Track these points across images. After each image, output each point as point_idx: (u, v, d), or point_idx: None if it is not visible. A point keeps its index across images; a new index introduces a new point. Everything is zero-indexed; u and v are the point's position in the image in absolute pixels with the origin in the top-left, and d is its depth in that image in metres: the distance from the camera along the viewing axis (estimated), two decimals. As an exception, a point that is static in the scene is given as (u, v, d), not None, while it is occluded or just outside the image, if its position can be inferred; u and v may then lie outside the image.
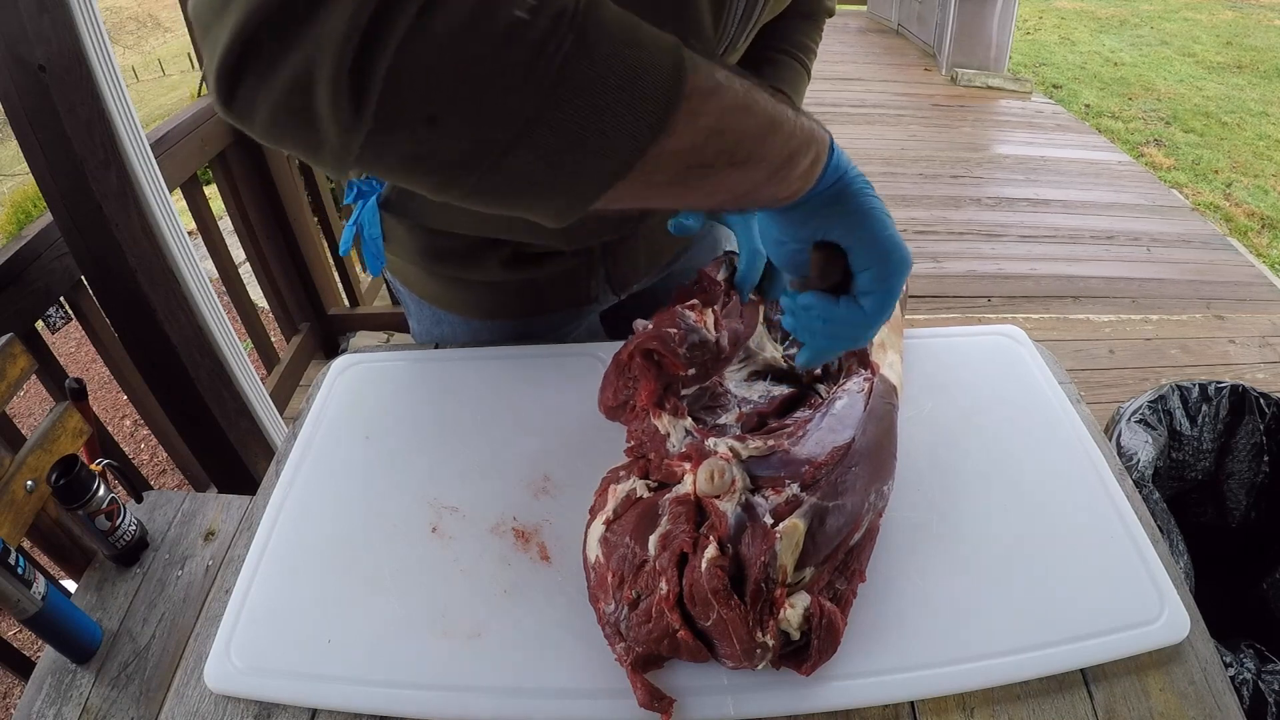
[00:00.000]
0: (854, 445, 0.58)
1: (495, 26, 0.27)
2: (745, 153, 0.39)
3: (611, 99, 0.31)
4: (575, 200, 0.35)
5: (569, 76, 0.29)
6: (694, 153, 0.36)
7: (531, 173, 0.32)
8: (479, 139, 0.30)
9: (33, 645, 1.61)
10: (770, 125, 0.39)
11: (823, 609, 0.50)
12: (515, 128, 0.30)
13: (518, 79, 0.28)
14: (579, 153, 0.32)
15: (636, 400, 0.66)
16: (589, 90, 0.30)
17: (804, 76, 0.81)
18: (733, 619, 0.49)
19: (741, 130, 0.37)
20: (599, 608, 0.55)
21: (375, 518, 0.63)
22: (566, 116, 0.30)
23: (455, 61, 0.27)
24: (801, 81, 0.81)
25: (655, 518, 0.55)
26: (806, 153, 0.44)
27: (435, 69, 0.27)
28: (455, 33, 0.27)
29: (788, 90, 0.78)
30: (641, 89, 0.32)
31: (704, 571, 0.50)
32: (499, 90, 0.28)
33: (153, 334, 1.36)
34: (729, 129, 0.37)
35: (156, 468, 2.13)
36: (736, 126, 0.37)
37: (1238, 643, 1.11)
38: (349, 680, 0.52)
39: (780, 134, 0.41)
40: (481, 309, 0.82)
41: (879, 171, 3.43)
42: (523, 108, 0.29)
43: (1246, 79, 4.94)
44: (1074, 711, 0.51)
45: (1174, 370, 2.20)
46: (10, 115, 1.13)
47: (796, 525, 0.52)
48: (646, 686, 0.50)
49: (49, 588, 0.85)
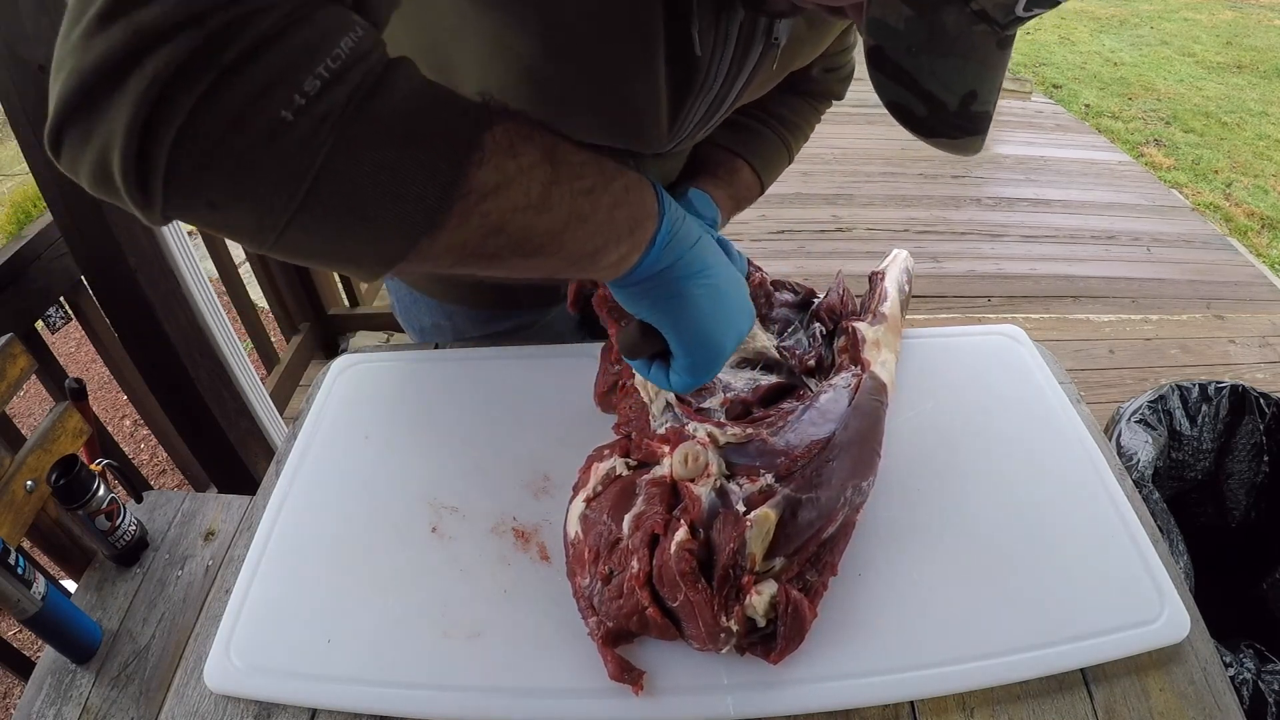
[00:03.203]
0: (834, 440, 0.58)
1: (260, 126, 0.30)
2: (534, 247, 0.39)
3: (372, 196, 0.33)
4: (366, 273, 0.37)
5: (326, 175, 0.31)
6: (473, 245, 0.37)
7: (316, 248, 0.35)
8: (257, 222, 0.32)
9: (33, 645, 1.61)
10: (571, 221, 0.40)
11: (790, 598, 0.51)
12: (285, 215, 0.32)
13: (278, 175, 0.31)
14: (348, 241, 0.34)
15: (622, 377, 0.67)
16: (348, 189, 0.32)
17: (780, 149, 0.78)
18: (699, 602, 0.50)
19: (529, 228, 0.38)
20: (575, 582, 0.56)
21: (375, 518, 0.63)
22: (329, 210, 0.33)
23: (223, 157, 0.30)
24: (775, 154, 0.77)
25: (632, 497, 0.56)
26: (616, 247, 0.44)
27: (206, 163, 0.30)
28: (224, 131, 0.29)
29: (753, 160, 0.75)
30: (406, 189, 0.33)
31: (673, 554, 0.51)
32: (265, 184, 0.31)
33: (152, 334, 1.36)
34: (510, 227, 0.37)
35: (156, 468, 2.13)
36: (522, 224, 0.38)
37: (1238, 643, 1.11)
38: (349, 680, 0.52)
39: (583, 230, 0.41)
40: (455, 296, 0.82)
41: (879, 171, 3.42)
42: (288, 200, 0.32)
43: (1246, 79, 4.94)
44: (1074, 711, 0.51)
45: (1174, 370, 2.20)
46: (10, 115, 1.12)
47: (768, 515, 0.53)
48: (617, 660, 0.51)
49: (49, 588, 0.85)
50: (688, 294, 0.48)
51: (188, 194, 0.31)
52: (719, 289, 0.50)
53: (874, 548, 0.59)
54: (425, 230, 0.35)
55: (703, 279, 0.49)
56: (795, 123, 0.79)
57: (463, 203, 0.35)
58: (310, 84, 0.30)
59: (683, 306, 0.49)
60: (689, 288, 0.48)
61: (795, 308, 0.75)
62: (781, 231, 2.95)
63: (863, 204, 3.15)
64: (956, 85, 0.41)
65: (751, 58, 0.55)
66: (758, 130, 0.77)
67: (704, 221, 0.67)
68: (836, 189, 3.26)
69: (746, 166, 0.76)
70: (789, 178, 3.32)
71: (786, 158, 0.80)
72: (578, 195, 0.40)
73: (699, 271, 0.49)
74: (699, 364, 0.51)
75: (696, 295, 0.49)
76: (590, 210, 0.41)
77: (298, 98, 0.30)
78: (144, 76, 0.28)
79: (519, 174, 0.37)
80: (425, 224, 0.35)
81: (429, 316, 0.85)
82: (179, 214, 0.32)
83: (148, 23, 0.28)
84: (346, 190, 0.32)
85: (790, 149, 0.79)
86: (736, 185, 0.75)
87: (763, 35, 0.54)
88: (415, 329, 0.89)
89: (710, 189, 0.71)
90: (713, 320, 0.50)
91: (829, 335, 0.72)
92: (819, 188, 3.26)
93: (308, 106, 0.30)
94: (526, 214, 0.38)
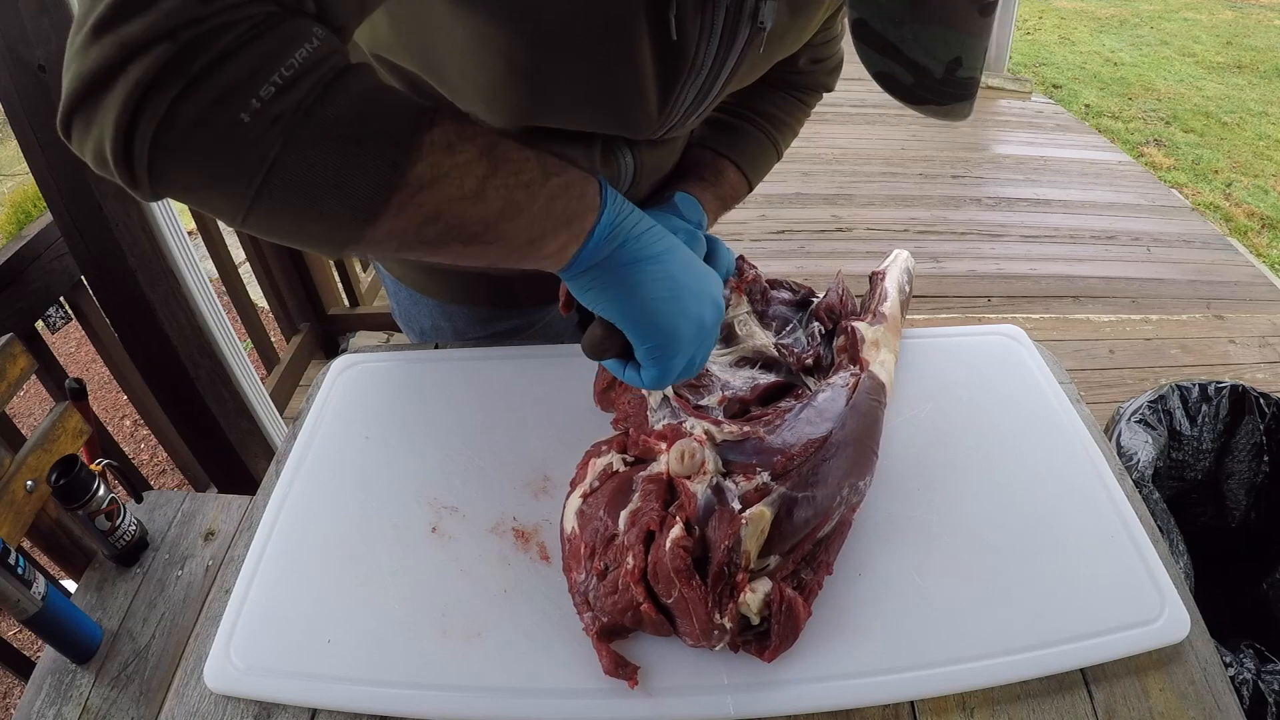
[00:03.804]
0: (830, 439, 0.58)
1: (221, 126, 0.35)
2: (471, 235, 0.43)
3: (318, 188, 0.38)
4: (327, 253, 0.42)
5: (277, 170, 0.36)
6: (412, 233, 0.41)
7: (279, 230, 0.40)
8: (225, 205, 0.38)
9: (33, 645, 1.61)
10: (504, 214, 0.43)
11: (784, 596, 0.51)
12: (245, 202, 0.37)
13: (236, 169, 0.36)
14: (305, 224, 0.39)
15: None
16: (297, 182, 0.37)
17: (766, 146, 0.78)
18: (693, 598, 0.50)
19: (463, 216, 0.42)
20: (571, 577, 0.56)
21: (375, 518, 0.63)
22: (283, 199, 0.37)
23: (192, 151, 0.35)
24: (761, 152, 0.78)
25: (628, 493, 0.57)
26: (555, 237, 0.46)
27: (180, 156, 0.35)
28: (192, 129, 0.34)
29: (739, 160, 0.76)
30: (346, 183, 0.38)
31: (668, 550, 0.51)
32: (226, 176, 0.36)
33: (152, 334, 1.36)
34: (446, 215, 0.41)
35: (156, 468, 2.13)
36: (458, 214, 0.42)
37: (1238, 643, 1.11)
38: (349, 680, 0.52)
39: (520, 220, 0.44)
40: (455, 294, 0.83)
41: (879, 171, 3.42)
42: (246, 189, 0.37)
43: (1246, 79, 4.94)
44: (1074, 711, 0.51)
45: (1174, 370, 2.20)
46: (10, 115, 1.12)
47: (763, 513, 0.53)
48: (611, 655, 0.51)
49: (49, 588, 0.85)
50: (635, 280, 0.49)
51: (167, 179, 0.36)
52: (671, 274, 0.50)
53: (874, 547, 0.59)
54: (366, 218, 0.39)
55: (651, 264, 0.50)
56: (782, 119, 0.79)
57: (400, 194, 0.39)
58: (265, 90, 0.35)
59: (629, 292, 0.49)
60: (635, 273, 0.49)
61: (794, 306, 0.75)
62: (781, 231, 2.95)
63: (863, 204, 3.15)
64: (941, 53, 0.42)
65: (738, 43, 0.56)
66: (743, 129, 0.77)
67: (689, 225, 0.67)
68: (836, 189, 3.26)
69: (732, 166, 0.76)
70: (789, 178, 3.30)
71: (774, 155, 0.80)
72: (514, 189, 0.43)
73: (648, 258, 0.50)
74: (656, 350, 0.51)
75: (643, 280, 0.49)
76: (527, 201, 0.44)
77: (254, 102, 0.35)
78: (128, 82, 0.33)
79: (455, 169, 0.40)
80: (365, 212, 0.39)
81: (429, 318, 0.85)
82: (163, 194, 0.37)
83: (131, 37, 0.33)
84: (295, 183, 0.37)
85: (778, 146, 0.79)
86: (722, 186, 0.75)
87: (749, 19, 0.54)
88: (415, 331, 0.89)
89: (696, 191, 0.72)
90: (664, 304, 0.50)
91: (828, 335, 0.72)
92: (819, 188, 3.26)
93: (262, 110, 0.35)
94: (462, 204, 0.41)
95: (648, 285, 0.49)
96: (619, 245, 0.49)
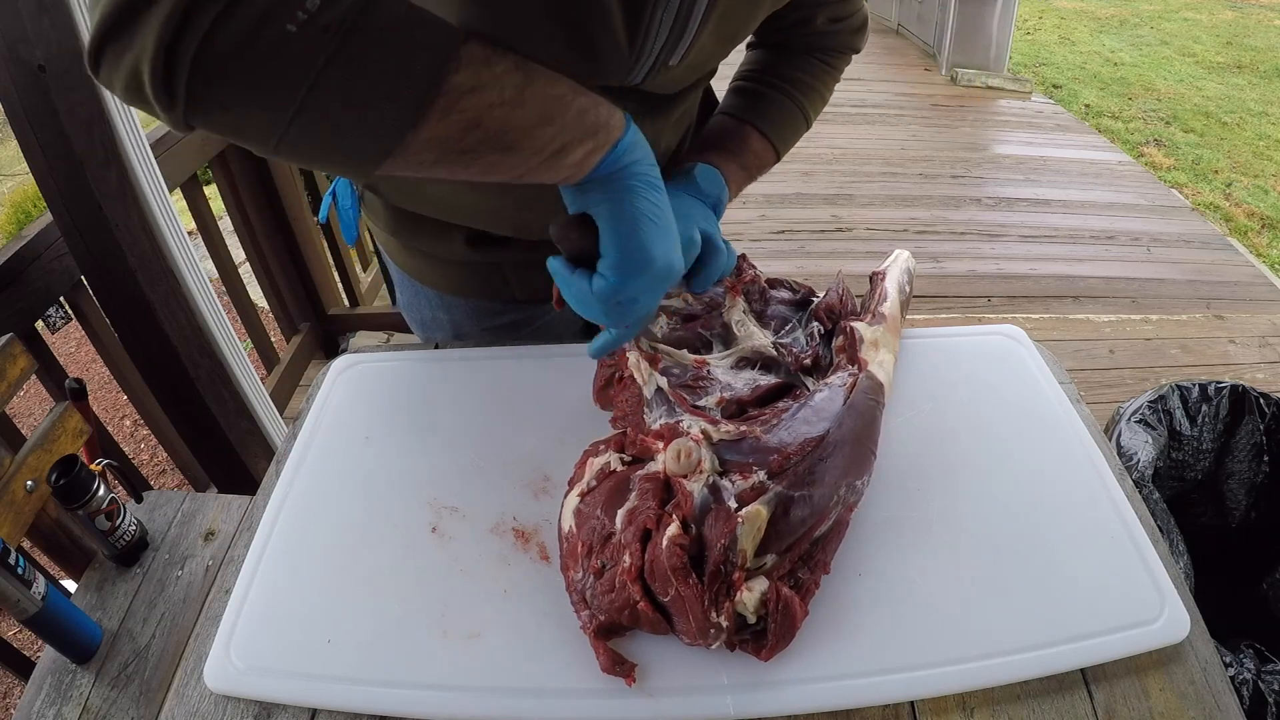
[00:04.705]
0: (827, 438, 0.58)
1: (268, 38, 0.35)
2: (509, 142, 0.44)
3: (365, 98, 0.39)
4: (360, 170, 0.42)
5: (323, 82, 0.37)
6: (453, 140, 0.42)
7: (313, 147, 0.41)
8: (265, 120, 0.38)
9: (33, 645, 1.61)
10: (541, 120, 0.45)
11: (780, 595, 0.51)
12: (287, 114, 0.38)
13: (282, 81, 0.37)
14: (346, 137, 0.40)
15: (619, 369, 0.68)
16: (344, 92, 0.38)
17: (792, 110, 0.75)
18: (689, 597, 0.50)
19: (504, 123, 0.43)
20: (568, 575, 0.56)
21: (375, 518, 0.63)
22: (327, 109, 0.38)
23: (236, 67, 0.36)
24: (787, 116, 0.75)
25: (626, 492, 0.57)
26: (582, 145, 0.48)
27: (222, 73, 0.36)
28: (237, 45, 0.35)
29: (761, 125, 0.73)
30: (394, 91, 0.39)
31: (664, 549, 0.51)
32: (270, 89, 0.37)
33: (152, 334, 1.36)
34: (487, 121, 0.43)
35: (156, 468, 2.13)
36: (499, 119, 0.43)
37: (1238, 643, 1.11)
38: (349, 680, 0.52)
39: (551, 127, 0.46)
40: (450, 284, 0.82)
41: (879, 171, 3.43)
42: (289, 101, 0.37)
43: (1246, 79, 4.94)
44: (1074, 711, 0.51)
45: (1174, 370, 2.20)
46: (10, 115, 1.12)
47: (759, 512, 0.53)
48: (608, 653, 0.51)
49: (49, 588, 0.85)
50: (634, 193, 0.51)
51: (205, 99, 0.37)
52: (663, 210, 0.52)
53: (874, 547, 0.59)
54: (411, 123, 0.40)
55: (653, 191, 0.52)
56: (809, 84, 0.76)
57: (444, 99, 0.40)
58: (311, 2, 0.36)
59: (629, 199, 0.51)
60: (640, 189, 0.51)
61: (793, 306, 0.75)
62: (781, 231, 2.95)
63: (863, 204, 3.16)
64: None
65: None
66: (767, 95, 0.75)
67: (708, 198, 0.66)
68: (836, 189, 3.26)
69: (755, 132, 0.73)
70: (789, 178, 3.31)
71: (802, 121, 0.77)
72: (550, 99, 0.45)
73: (652, 184, 0.52)
74: (623, 262, 0.51)
75: (641, 196, 0.51)
76: (559, 111, 0.46)
77: (300, 13, 0.36)
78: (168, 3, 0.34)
79: (493, 79, 0.42)
80: (411, 118, 0.40)
81: (429, 309, 0.85)
82: (197, 116, 0.38)
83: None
84: (341, 93, 0.38)
85: (805, 111, 0.76)
86: (746, 155, 0.73)
87: None
88: (417, 321, 0.89)
89: (717, 161, 0.70)
90: (650, 223, 0.51)
91: (827, 334, 0.72)
92: (819, 188, 3.26)
93: (310, 20, 0.36)
94: (503, 109, 0.43)
95: (643, 202, 0.51)
96: (630, 163, 0.51)
